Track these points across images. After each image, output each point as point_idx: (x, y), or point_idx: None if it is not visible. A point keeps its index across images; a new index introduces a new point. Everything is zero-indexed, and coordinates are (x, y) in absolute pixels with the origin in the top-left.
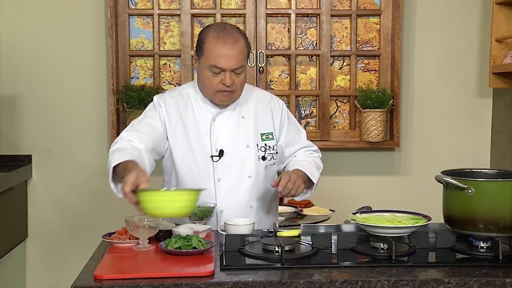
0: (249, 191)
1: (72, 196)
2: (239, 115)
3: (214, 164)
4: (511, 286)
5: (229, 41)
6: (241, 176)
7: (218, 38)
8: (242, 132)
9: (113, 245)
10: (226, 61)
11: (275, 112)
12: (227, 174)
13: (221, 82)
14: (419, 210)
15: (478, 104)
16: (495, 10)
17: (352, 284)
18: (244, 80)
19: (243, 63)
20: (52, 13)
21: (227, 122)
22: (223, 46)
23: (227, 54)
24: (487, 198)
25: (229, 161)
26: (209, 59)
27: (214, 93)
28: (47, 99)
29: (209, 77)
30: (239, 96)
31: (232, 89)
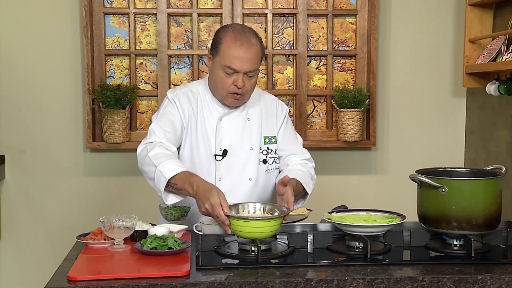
0: (248, 193)
1: (46, 196)
2: (245, 117)
3: (217, 163)
4: (483, 283)
5: (246, 44)
6: (242, 177)
7: (235, 40)
8: (246, 134)
9: (88, 246)
10: (241, 63)
11: (279, 116)
12: (228, 174)
13: (234, 83)
14: (395, 208)
15: (452, 103)
16: (468, 11)
17: (327, 283)
18: (255, 83)
19: (256, 66)
20: (26, 12)
21: (233, 123)
22: (240, 48)
23: (242, 56)
24: (460, 196)
25: (232, 162)
26: (224, 59)
27: (226, 94)
28: (21, 99)
29: (222, 77)
30: (248, 99)
31: (243, 92)
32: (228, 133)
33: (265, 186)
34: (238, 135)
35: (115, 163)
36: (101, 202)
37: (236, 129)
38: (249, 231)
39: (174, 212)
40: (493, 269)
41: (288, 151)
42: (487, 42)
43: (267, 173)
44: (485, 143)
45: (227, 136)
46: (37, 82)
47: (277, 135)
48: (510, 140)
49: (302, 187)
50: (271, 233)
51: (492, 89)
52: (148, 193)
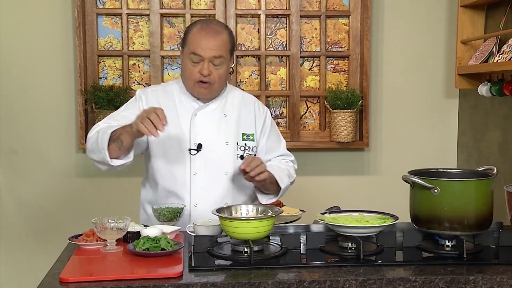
0: (224, 187)
1: (38, 198)
2: (221, 113)
3: (192, 157)
4: (475, 283)
5: (211, 32)
6: (218, 172)
7: (201, 29)
8: (222, 129)
9: (80, 247)
10: (205, 49)
11: (258, 116)
12: (204, 169)
13: (200, 71)
14: (387, 209)
15: (445, 104)
16: (460, 13)
17: (320, 284)
18: (225, 75)
19: (222, 53)
20: (18, 13)
21: (208, 117)
22: (205, 36)
23: (206, 42)
24: (452, 197)
25: (207, 156)
26: (190, 47)
27: (193, 83)
28: (13, 100)
29: (189, 67)
30: (219, 91)
31: (210, 80)
32: (203, 127)
33: (242, 181)
34: (213, 129)
35: None
36: (93, 203)
37: (212, 123)
38: (242, 232)
39: (166, 213)
40: (485, 270)
41: (272, 155)
42: (479, 44)
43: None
44: (477, 144)
45: (202, 131)
46: (29, 83)
47: (255, 133)
48: (501, 141)
49: (275, 181)
50: (264, 234)
51: (484, 90)
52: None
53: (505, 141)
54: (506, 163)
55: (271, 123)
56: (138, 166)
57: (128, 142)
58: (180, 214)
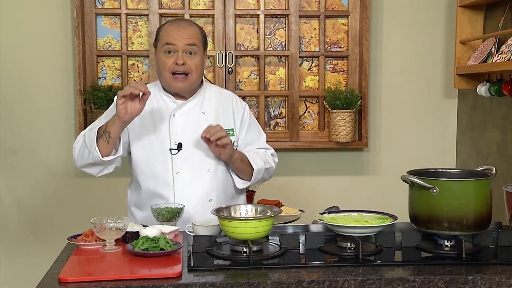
0: (208, 184)
1: (37, 198)
2: (200, 111)
3: (173, 157)
4: (473, 283)
5: (182, 24)
6: (200, 169)
7: (172, 23)
8: (202, 127)
9: (79, 247)
10: (177, 37)
11: (236, 111)
12: (186, 167)
13: (174, 62)
14: (386, 209)
15: (444, 105)
16: (459, 13)
17: (319, 284)
18: (201, 66)
19: (195, 42)
20: (17, 13)
21: (187, 116)
22: (176, 27)
23: (178, 32)
24: (451, 197)
25: (188, 155)
26: (163, 40)
27: (169, 76)
28: (12, 100)
29: (162, 59)
30: (196, 83)
31: (186, 70)
32: (182, 127)
33: (225, 178)
34: (192, 128)
35: None
36: (92, 203)
37: (190, 122)
38: (241, 232)
39: (165, 213)
40: (484, 270)
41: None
42: (478, 44)
43: (226, 163)
44: (475, 144)
45: (182, 130)
46: (28, 83)
47: (234, 128)
48: (500, 141)
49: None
50: (263, 234)
51: (483, 90)
52: None
53: (504, 141)
54: (505, 163)
55: (249, 117)
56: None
57: (116, 131)
58: (180, 214)
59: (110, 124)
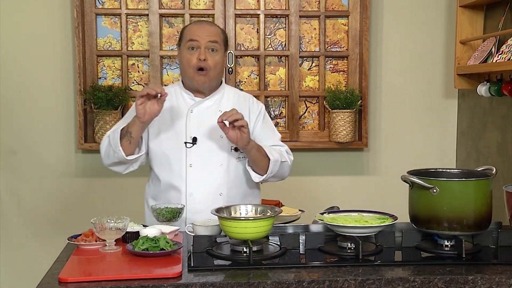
0: (219, 178)
1: (37, 198)
2: (217, 109)
3: (187, 150)
4: (473, 283)
5: (204, 23)
6: (213, 163)
7: (195, 23)
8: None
9: (79, 247)
10: (201, 34)
11: (252, 110)
12: (199, 161)
13: (197, 57)
14: (386, 209)
15: (444, 105)
16: (459, 13)
17: (319, 284)
18: (221, 64)
19: (217, 39)
20: (17, 13)
21: (204, 113)
22: (199, 25)
23: (201, 30)
24: (451, 197)
25: (202, 149)
26: (186, 37)
27: (193, 71)
28: (12, 100)
29: (187, 57)
30: (216, 80)
31: (207, 66)
32: (198, 122)
33: (238, 174)
34: (208, 124)
35: None
36: (92, 203)
37: (207, 119)
38: (241, 232)
39: (165, 213)
40: (484, 270)
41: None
42: (478, 44)
43: (238, 160)
44: (476, 144)
45: (197, 125)
46: (28, 83)
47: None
48: (500, 141)
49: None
50: (264, 234)
51: (483, 90)
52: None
53: (504, 141)
54: (505, 163)
55: (264, 116)
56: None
57: (137, 131)
58: (180, 215)
59: (131, 124)
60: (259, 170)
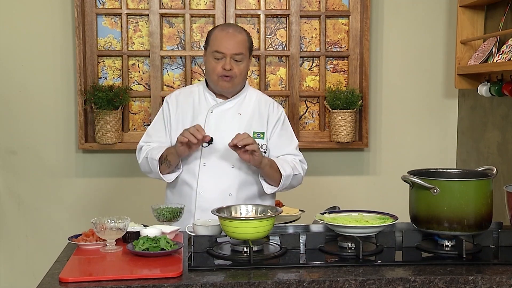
0: (230, 179)
1: (37, 198)
2: (236, 112)
3: (203, 149)
4: (474, 283)
5: (231, 31)
6: (225, 164)
7: (222, 30)
8: (235, 126)
9: (80, 247)
10: (226, 46)
11: (272, 115)
12: (213, 160)
13: (222, 67)
14: (387, 209)
15: (444, 105)
16: (459, 13)
17: (320, 284)
18: (245, 70)
19: (242, 51)
20: (18, 12)
21: (223, 114)
22: (226, 35)
23: (227, 40)
24: (452, 197)
25: (217, 149)
26: (213, 46)
27: (217, 78)
28: (12, 100)
29: (212, 64)
30: (240, 86)
31: (232, 74)
32: (217, 123)
33: (249, 177)
34: (226, 125)
35: (108, 164)
36: (93, 203)
37: (225, 120)
38: (241, 232)
39: (166, 213)
40: (484, 270)
41: (281, 152)
42: (478, 44)
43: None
44: (476, 144)
45: (215, 126)
46: (29, 83)
47: (266, 132)
48: (501, 141)
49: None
50: (264, 234)
51: (483, 90)
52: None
53: (504, 141)
54: (505, 163)
55: (284, 122)
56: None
57: (175, 161)
58: (180, 214)
59: (169, 155)
60: (272, 183)
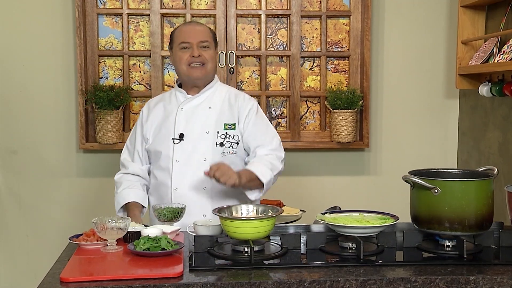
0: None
1: (38, 197)
2: (207, 106)
3: (175, 146)
4: (475, 283)
5: (192, 24)
6: (197, 158)
7: (183, 24)
8: (204, 119)
9: (81, 247)
10: (191, 35)
11: (242, 106)
12: (185, 156)
13: (190, 55)
14: (388, 209)
15: (445, 105)
16: (460, 13)
17: (320, 284)
18: (214, 57)
19: (207, 38)
20: (19, 12)
21: (193, 110)
22: (188, 26)
23: (191, 30)
24: (453, 197)
25: (188, 144)
26: (178, 39)
27: (186, 68)
28: (13, 99)
29: (179, 55)
30: (212, 74)
31: (202, 60)
32: (187, 119)
33: None
34: (196, 120)
35: (108, 164)
36: (94, 203)
37: (196, 115)
38: (242, 232)
39: (167, 213)
40: (485, 270)
41: (255, 143)
42: (479, 44)
43: (222, 155)
44: (477, 144)
45: (186, 122)
46: (29, 83)
47: (238, 124)
48: (501, 141)
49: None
50: (265, 234)
51: (484, 91)
52: None
53: (505, 141)
54: (506, 163)
55: (257, 112)
56: None
57: None
58: (181, 214)
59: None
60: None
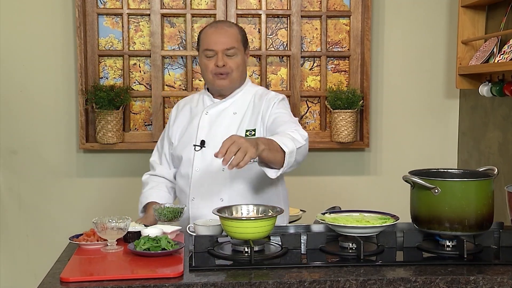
0: (221, 183)
1: (38, 198)
2: (231, 111)
3: (196, 153)
4: (475, 284)
5: (220, 27)
6: (215, 168)
7: (211, 27)
8: (227, 126)
9: (81, 247)
10: (216, 43)
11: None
12: (204, 164)
13: (215, 64)
14: (388, 209)
15: (445, 105)
16: (460, 13)
17: (321, 284)
18: (242, 64)
19: (234, 45)
20: (19, 12)
21: (217, 115)
22: (214, 31)
23: (217, 37)
24: (453, 197)
25: (207, 153)
26: (203, 45)
27: (211, 77)
28: (13, 99)
29: (205, 63)
30: (240, 81)
31: (226, 70)
32: (211, 125)
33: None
34: (219, 127)
35: (108, 164)
36: (94, 203)
37: (219, 121)
38: (242, 232)
39: (167, 213)
40: (485, 270)
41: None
42: (479, 44)
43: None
44: (477, 144)
45: (209, 128)
46: (30, 83)
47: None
48: (502, 141)
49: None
50: (265, 234)
51: (484, 91)
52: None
53: (506, 141)
54: (506, 163)
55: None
56: (138, 166)
57: None
58: (181, 214)
59: None
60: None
